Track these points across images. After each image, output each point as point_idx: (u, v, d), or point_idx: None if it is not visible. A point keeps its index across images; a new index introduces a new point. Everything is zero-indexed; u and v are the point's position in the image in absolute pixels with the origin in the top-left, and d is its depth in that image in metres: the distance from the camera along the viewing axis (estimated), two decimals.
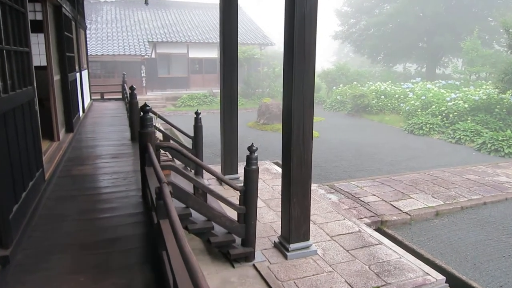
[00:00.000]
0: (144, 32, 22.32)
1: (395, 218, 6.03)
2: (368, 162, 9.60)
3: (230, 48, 6.64)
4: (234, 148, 7.07)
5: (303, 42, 4.01)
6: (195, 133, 6.74)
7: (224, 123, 6.91)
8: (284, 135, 4.40)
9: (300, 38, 3.99)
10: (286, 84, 4.23)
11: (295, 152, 4.25)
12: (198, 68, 23.28)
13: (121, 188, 4.08)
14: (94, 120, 8.44)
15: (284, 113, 4.34)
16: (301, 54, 4.02)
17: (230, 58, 6.67)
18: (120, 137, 6.64)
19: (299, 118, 4.18)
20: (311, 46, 4.06)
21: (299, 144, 4.25)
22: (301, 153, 4.29)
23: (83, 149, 5.74)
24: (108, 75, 20.40)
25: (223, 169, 7.16)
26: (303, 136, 4.26)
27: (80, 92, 8.32)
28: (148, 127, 3.67)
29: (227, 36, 6.59)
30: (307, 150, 4.32)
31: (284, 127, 4.37)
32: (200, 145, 6.83)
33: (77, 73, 7.94)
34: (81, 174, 4.55)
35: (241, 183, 7.32)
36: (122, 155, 5.40)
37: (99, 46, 19.98)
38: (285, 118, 4.33)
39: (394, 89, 17.58)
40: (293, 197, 4.37)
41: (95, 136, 6.67)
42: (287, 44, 4.12)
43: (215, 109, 18.87)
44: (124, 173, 4.59)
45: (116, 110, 10.20)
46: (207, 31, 23.73)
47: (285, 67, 4.21)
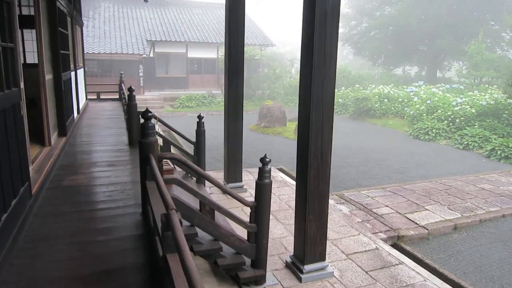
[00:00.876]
0: (143, 30, 21.85)
1: (412, 233, 5.63)
2: (376, 169, 9.20)
3: (236, 49, 6.22)
4: (238, 155, 6.64)
5: (323, 43, 3.59)
6: (198, 138, 6.32)
7: (228, 128, 6.49)
8: (300, 146, 3.98)
9: (320, 38, 3.57)
10: (303, 90, 3.81)
11: (313, 165, 3.83)
12: (197, 68, 22.84)
13: (118, 203, 3.64)
14: (90, 122, 7.98)
15: (301, 122, 3.92)
16: (321, 56, 3.61)
17: (235, 60, 6.25)
18: (116, 142, 6.20)
19: (317, 128, 3.76)
20: (332, 47, 3.65)
21: (317, 157, 3.83)
22: (319, 166, 3.88)
23: (77, 155, 5.29)
24: (104, 74, 19.91)
25: (226, 177, 6.74)
26: (321, 148, 3.84)
27: (75, 92, 7.86)
28: (150, 136, 3.23)
29: (233, 36, 6.17)
30: (326, 163, 3.91)
31: (300, 137, 3.95)
32: (203, 151, 6.41)
33: (72, 72, 7.49)
34: (73, 185, 4.10)
35: (246, 192, 6.94)
36: (119, 163, 4.96)
37: (96, 44, 19.48)
38: (301, 128, 3.91)
39: (398, 92, 17.21)
40: (309, 213, 3.96)
41: (90, 140, 6.22)
42: (306, 45, 3.70)
43: (215, 111, 18.45)
44: (122, 184, 4.15)
45: (113, 111, 9.74)
46: (206, 30, 23.29)
47: (303, 71, 3.79)
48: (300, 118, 3.92)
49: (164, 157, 3.43)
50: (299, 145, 4.00)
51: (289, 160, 9.90)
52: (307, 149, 3.81)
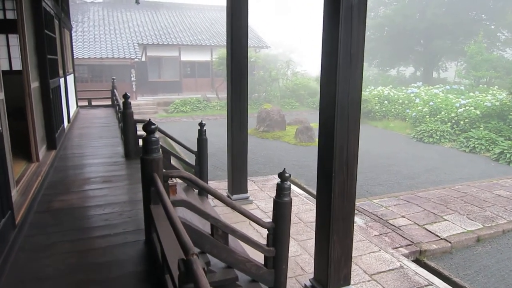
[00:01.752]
0: (134, 34, 21.31)
1: (434, 247, 5.21)
2: (385, 175, 8.80)
3: (239, 52, 5.78)
4: (243, 165, 6.18)
5: (349, 41, 3.16)
6: (199, 147, 5.85)
7: (232, 136, 6.03)
8: (322, 158, 3.53)
9: (346, 35, 3.14)
10: (325, 95, 3.37)
11: (337, 179, 3.39)
12: (190, 71, 22.35)
13: (117, 228, 3.16)
14: (81, 131, 7.45)
15: (322, 132, 3.47)
16: (346, 56, 3.17)
17: (239, 64, 5.80)
18: (111, 153, 5.70)
19: (342, 138, 3.32)
20: (359, 45, 3.21)
21: (342, 170, 3.39)
22: (344, 181, 3.44)
23: (68, 171, 4.78)
24: (95, 80, 19.32)
25: (231, 187, 6.27)
26: (347, 161, 3.40)
27: (65, 100, 7.34)
28: (154, 152, 2.76)
29: (236, 41, 5.73)
30: (351, 178, 3.47)
31: (322, 149, 3.51)
32: (205, 161, 5.94)
33: (61, 79, 6.97)
34: (65, 207, 3.60)
35: (251, 204, 6.47)
36: (116, 178, 4.46)
37: (85, 49, 18.89)
38: (323, 138, 3.47)
39: (397, 94, 16.89)
40: (333, 234, 3.51)
41: (82, 152, 5.71)
42: (328, 44, 3.26)
43: (210, 115, 17.98)
44: (120, 204, 3.66)
45: (106, 118, 9.21)
46: (199, 33, 22.82)
47: (324, 74, 3.35)
48: (321, 127, 3.48)
49: (171, 176, 2.95)
50: (320, 158, 3.56)
51: (292, 166, 9.46)
52: (330, 162, 3.36)
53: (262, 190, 7.04)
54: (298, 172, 8.96)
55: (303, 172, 8.92)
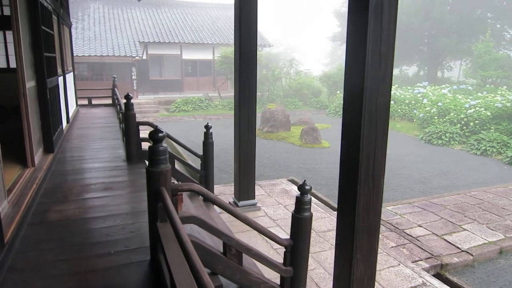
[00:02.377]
0: (135, 32, 20.96)
1: (456, 260, 4.89)
2: (395, 180, 8.48)
3: (248, 49, 5.47)
4: (251, 170, 5.87)
5: (379, 38, 2.83)
6: (205, 151, 5.53)
7: (239, 139, 5.71)
8: (345, 169, 3.21)
9: (375, 32, 2.81)
10: (350, 98, 3.05)
11: (363, 192, 3.06)
12: (192, 70, 22.01)
13: (119, 245, 2.84)
14: (81, 132, 7.13)
15: (346, 139, 3.15)
16: (376, 55, 2.85)
17: (248, 62, 5.49)
18: (112, 157, 5.37)
19: (369, 147, 3.00)
20: (390, 43, 2.88)
21: (368, 182, 3.07)
22: (370, 194, 3.11)
23: (67, 176, 4.45)
24: (96, 78, 18.98)
25: (238, 193, 5.96)
26: (373, 171, 3.08)
27: (63, 99, 7.02)
28: (161, 163, 2.44)
29: (245, 35, 5.42)
30: (378, 190, 3.14)
31: (345, 158, 3.18)
32: (211, 166, 5.62)
33: (60, 77, 6.65)
34: (61, 219, 3.28)
35: (259, 210, 6.16)
36: (117, 185, 4.14)
37: (86, 46, 18.56)
38: (346, 146, 3.15)
39: (404, 94, 16.55)
40: (356, 252, 3.18)
41: (81, 156, 5.38)
42: (354, 42, 2.94)
43: (212, 114, 17.66)
44: (122, 216, 3.34)
45: (106, 118, 8.89)
46: (201, 31, 22.47)
47: (350, 74, 3.03)
48: (345, 134, 3.15)
49: (181, 190, 2.63)
50: (344, 168, 3.23)
51: (299, 169, 9.14)
52: (355, 174, 3.04)
53: (269, 196, 6.71)
54: (305, 175, 8.63)
55: (311, 176, 8.59)
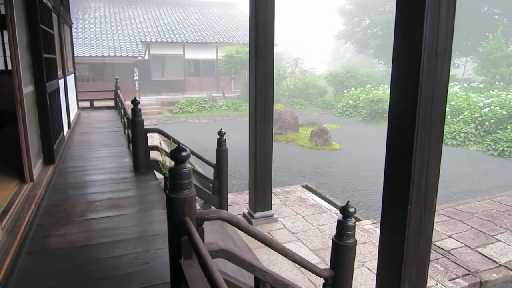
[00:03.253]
0: (136, 31, 20.54)
1: (495, 277, 4.46)
2: None
3: (265, 49, 5.04)
4: (267, 179, 5.45)
5: (436, 36, 2.41)
6: (219, 160, 5.12)
7: (255, 146, 5.29)
8: (390, 186, 2.80)
9: (432, 29, 2.39)
10: (399, 104, 2.63)
11: (414, 213, 2.64)
12: (195, 70, 21.58)
13: (133, 281, 2.43)
14: (83, 138, 6.72)
15: (392, 151, 2.73)
16: (432, 55, 2.42)
17: (265, 63, 5.07)
18: (118, 166, 4.96)
19: (422, 161, 2.57)
20: (447, 44, 2.46)
21: (420, 202, 2.64)
22: (421, 215, 2.69)
23: (69, 191, 4.03)
24: (97, 79, 18.57)
25: (253, 203, 5.53)
26: (425, 189, 2.65)
27: (65, 103, 6.61)
28: (185, 189, 2.02)
29: (261, 33, 4.99)
30: (430, 210, 2.71)
31: (391, 173, 2.77)
32: (225, 175, 5.21)
33: (61, 80, 6.23)
34: (63, 246, 2.86)
35: (276, 222, 5.72)
36: (125, 202, 3.72)
37: (86, 47, 18.13)
38: (394, 160, 2.73)
39: None
40: (404, 281, 2.76)
41: (84, 166, 4.96)
42: (407, 41, 2.51)
43: (217, 116, 17.24)
44: (133, 242, 2.92)
45: (109, 122, 8.48)
46: (204, 30, 22.04)
47: (399, 78, 2.61)
48: (392, 145, 2.74)
49: (208, 218, 2.20)
50: (389, 185, 2.82)
51: (312, 174, 8.71)
52: (405, 192, 2.62)
53: (285, 205, 6.29)
54: (319, 181, 8.21)
55: (325, 181, 8.17)
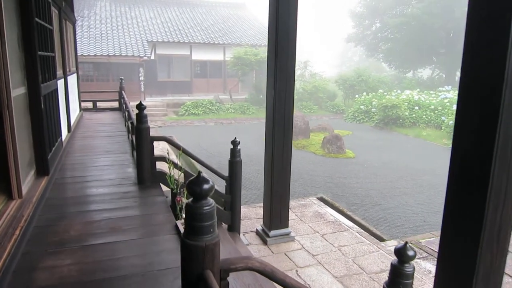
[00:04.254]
0: (143, 31, 20.12)
1: None
2: (438, 199, 7.49)
3: (286, 49, 4.53)
4: (285, 192, 4.93)
5: None
6: (232, 172, 4.62)
7: (272, 158, 4.77)
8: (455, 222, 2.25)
9: None
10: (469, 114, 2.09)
11: (483, 257, 2.10)
12: (202, 71, 21.12)
13: None
14: (84, 143, 6.23)
15: (458, 174, 2.20)
16: None
17: (285, 64, 4.56)
18: (121, 178, 4.46)
19: (499, 190, 2.04)
20: None
21: (492, 244, 2.10)
22: (492, 260, 2.14)
23: (63, 209, 3.53)
24: (101, 79, 18.15)
25: (268, 220, 5.01)
26: (499, 227, 2.11)
27: (65, 105, 6.13)
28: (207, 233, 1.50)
29: (282, 32, 4.48)
30: (502, 253, 2.15)
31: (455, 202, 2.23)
32: (239, 190, 4.69)
33: (60, 80, 5.75)
34: (53, 283, 2.35)
35: (293, 241, 5.18)
36: (127, 224, 3.22)
37: (91, 46, 17.72)
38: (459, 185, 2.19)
39: (429, 99, 15.54)
40: None
41: (83, 177, 4.46)
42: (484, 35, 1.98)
43: (224, 119, 16.75)
44: (137, 280, 2.42)
45: (113, 125, 7.99)
46: (211, 31, 21.58)
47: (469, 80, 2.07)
48: (458, 168, 2.20)
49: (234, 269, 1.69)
50: (452, 217, 2.27)
51: (326, 184, 8.17)
52: (476, 233, 2.08)
53: (302, 221, 5.76)
54: (335, 192, 7.68)
55: (341, 193, 7.63)
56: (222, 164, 9.80)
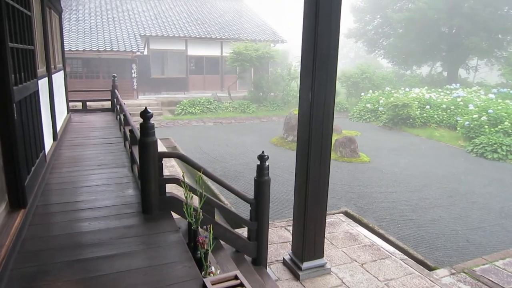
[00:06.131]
0: (135, 24, 19.02)
1: None
2: (473, 211, 6.70)
3: (327, 46, 3.62)
4: (321, 216, 4.06)
5: None
6: (259, 194, 3.73)
7: (308, 172, 3.88)
8: None
9: None
10: None
11: None
12: (198, 67, 20.10)
13: None
14: (72, 154, 5.27)
15: None
16: None
17: (326, 63, 3.66)
18: (120, 203, 3.54)
19: None
20: None
21: None
22: None
23: (46, 258, 2.59)
24: (91, 76, 17.03)
25: (300, 249, 4.14)
26: None
27: (49, 109, 5.16)
28: None
29: (324, 24, 3.56)
30: None
31: None
32: (267, 215, 3.80)
33: (43, 79, 4.79)
34: None
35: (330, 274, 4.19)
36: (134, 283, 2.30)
37: (80, 40, 16.58)
38: None
39: (441, 98, 14.78)
40: None
41: (72, 203, 3.52)
42: None
43: (223, 118, 15.83)
44: None
45: (105, 130, 7.02)
46: (208, 24, 20.56)
47: None
48: None
49: None
50: None
51: (347, 194, 7.33)
52: None
53: (333, 244, 4.90)
54: (358, 204, 6.84)
55: (366, 206, 6.79)
56: (227, 170, 8.89)
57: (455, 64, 23.39)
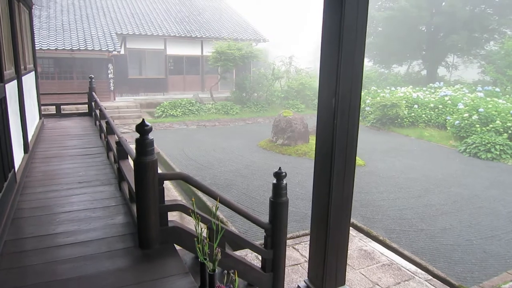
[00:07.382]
0: (111, 22, 18.05)
1: None
2: (483, 218, 6.38)
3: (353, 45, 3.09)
4: (344, 241, 3.53)
5: None
6: (275, 216, 3.18)
7: (330, 190, 3.34)
8: None
9: None
10: None
11: None
12: (178, 67, 19.30)
13: None
14: (47, 168, 4.56)
15: None
16: None
17: (351, 64, 3.12)
18: (109, 234, 2.94)
19: None
20: None
21: None
22: None
23: None
24: (64, 77, 15.97)
25: (320, 275, 3.59)
26: None
27: (19, 117, 4.43)
28: None
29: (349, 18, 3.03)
30: None
31: None
32: (283, 243, 3.26)
33: (12, 82, 4.07)
34: None
35: None
36: None
37: (52, 39, 15.51)
38: None
39: (428, 97, 14.64)
40: None
41: (49, 236, 2.87)
42: None
43: (206, 120, 15.18)
44: None
45: (84, 138, 6.29)
46: (187, 23, 19.80)
47: None
48: None
49: None
50: None
51: None
52: None
53: (348, 265, 4.39)
54: (363, 214, 6.40)
55: (371, 215, 6.36)
56: (217, 178, 8.28)
57: (434, 62, 23.53)
